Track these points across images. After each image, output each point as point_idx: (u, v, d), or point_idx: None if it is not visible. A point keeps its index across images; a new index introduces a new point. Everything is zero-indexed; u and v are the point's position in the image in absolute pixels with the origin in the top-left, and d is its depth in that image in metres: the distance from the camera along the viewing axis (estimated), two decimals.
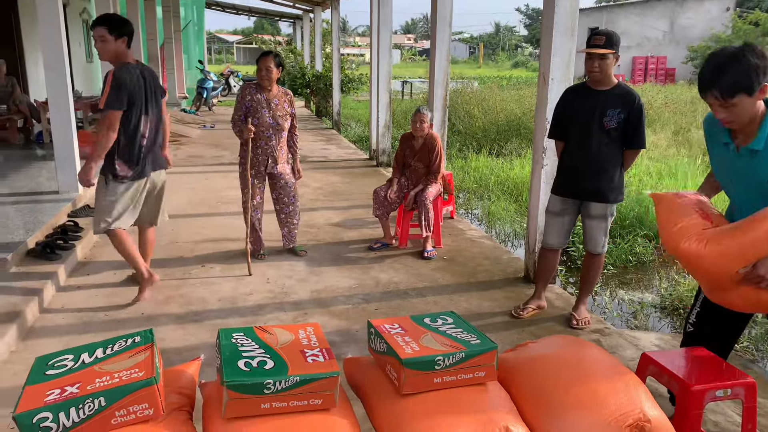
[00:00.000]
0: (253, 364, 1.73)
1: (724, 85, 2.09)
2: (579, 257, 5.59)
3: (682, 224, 2.26)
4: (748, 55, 2.07)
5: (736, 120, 2.16)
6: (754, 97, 2.10)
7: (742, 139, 2.25)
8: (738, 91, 2.08)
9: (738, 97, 2.09)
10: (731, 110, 2.13)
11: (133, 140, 3.75)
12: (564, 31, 4.09)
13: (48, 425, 1.52)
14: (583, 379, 1.90)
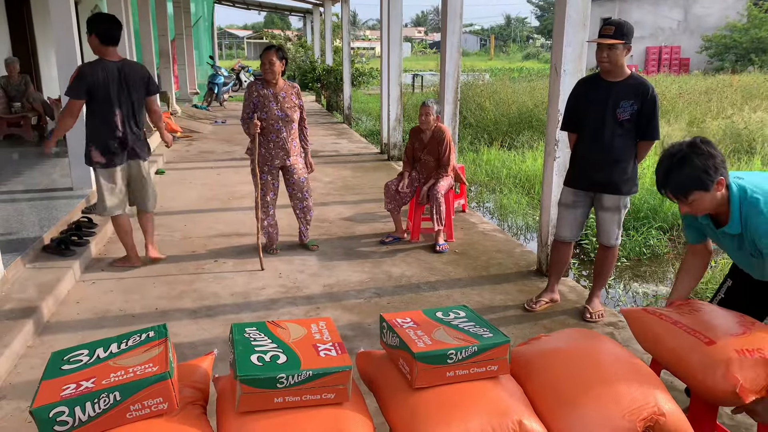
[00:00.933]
0: (266, 358, 1.74)
1: (676, 187, 2.14)
2: (592, 250, 5.56)
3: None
4: (695, 157, 2.10)
5: (698, 211, 2.20)
6: (712, 191, 2.12)
7: (718, 222, 2.28)
8: (691, 190, 2.12)
9: (693, 195, 2.13)
10: (692, 204, 2.16)
11: (105, 130, 4.13)
12: (576, 22, 4.05)
13: (64, 419, 1.54)
14: (597, 372, 1.89)
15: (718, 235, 2.32)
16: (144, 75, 4.32)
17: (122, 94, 4.14)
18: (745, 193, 2.16)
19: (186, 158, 9.20)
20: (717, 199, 2.15)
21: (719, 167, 2.10)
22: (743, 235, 2.20)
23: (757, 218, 2.12)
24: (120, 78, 4.12)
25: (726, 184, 2.15)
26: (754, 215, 2.13)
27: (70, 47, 5.77)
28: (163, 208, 6.26)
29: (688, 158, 2.11)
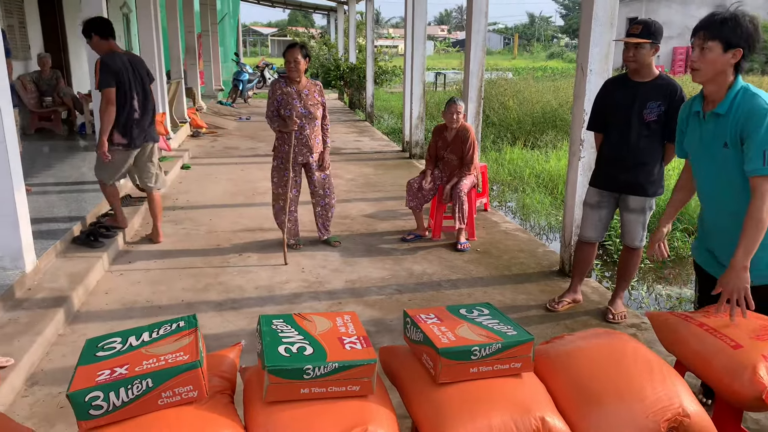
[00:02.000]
0: (293, 350, 1.78)
1: (711, 27, 2.28)
2: (615, 251, 5.52)
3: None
4: (742, 21, 2.26)
5: (703, 68, 2.31)
6: (728, 54, 2.27)
7: (710, 105, 2.40)
8: (718, 36, 2.26)
9: (713, 43, 2.27)
10: (704, 54, 2.29)
11: (125, 114, 4.57)
12: (603, 22, 4.03)
13: (99, 404, 1.59)
14: (621, 371, 1.89)
15: (700, 123, 2.45)
16: (145, 65, 4.85)
17: (135, 80, 4.64)
18: (747, 88, 2.31)
19: (211, 154, 9.32)
20: (724, 66, 2.29)
21: (747, 43, 2.25)
22: (725, 120, 2.32)
23: (753, 100, 2.26)
24: (131, 66, 4.62)
25: (738, 62, 2.29)
26: (749, 98, 2.28)
27: None
28: (189, 202, 6.36)
29: (738, 18, 2.25)
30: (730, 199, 2.38)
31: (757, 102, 2.25)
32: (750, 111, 2.25)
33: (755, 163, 2.23)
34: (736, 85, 2.32)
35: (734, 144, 2.30)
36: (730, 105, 2.31)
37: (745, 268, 2.23)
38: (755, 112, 2.23)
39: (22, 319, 3.39)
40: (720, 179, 2.41)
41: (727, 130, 2.31)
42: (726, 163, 2.35)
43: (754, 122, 2.22)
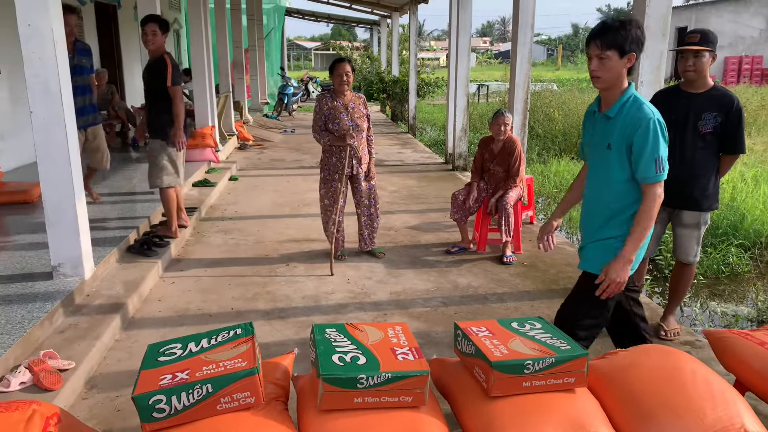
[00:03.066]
0: (346, 359, 1.80)
1: (605, 37, 2.37)
2: (666, 266, 5.38)
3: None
4: (632, 27, 2.37)
5: (603, 75, 2.41)
6: (623, 60, 2.38)
7: (603, 108, 2.52)
8: (613, 46, 2.36)
9: (611, 51, 2.36)
10: (603, 62, 2.38)
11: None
12: (655, 33, 3.96)
13: (162, 407, 1.65)
14: (679, 389, 1.85)
15: (595, 121, 2.60)
16: None
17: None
18: (636, 96, 2.44)
19: (258, 166, 9.51)
20: (620, 73, 2.40)
21: (638, 48, 2.39)
22: (613, 123, 2.45)
23: (641, 108, 2.39)
24: None
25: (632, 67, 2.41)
26: (637, 106, 2.40)
27: None
28: (238, 213, 6.51)
29: (628, 25, 2.37)
30: (606, 199, 2.51)
31: (644, 111, 2.37)
32: (638, 119, 2.36)
33: (648, 171, 2.36)
34: (628, 92, 2.44)
35: (617, 147, 2.43)
36: (620, 109, 2.43)
37: (630, 261, 2.40)
38: (643, 121, 2.35)
39: (82, 324, 3.52)
40: (600, 179, 2.54)
41: (613, 133, 2.44)
42: (606, 163, 2.48)
43: (642, 131, 2.35)
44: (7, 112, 7.47)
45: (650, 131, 2.34)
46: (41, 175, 3.78)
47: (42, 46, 3.58)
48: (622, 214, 2.48)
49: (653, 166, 2.35)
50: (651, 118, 2.35)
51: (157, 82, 4.82)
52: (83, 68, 5.37)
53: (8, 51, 7.47)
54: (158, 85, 4.84)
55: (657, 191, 2.38)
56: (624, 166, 2.43)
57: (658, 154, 2.35)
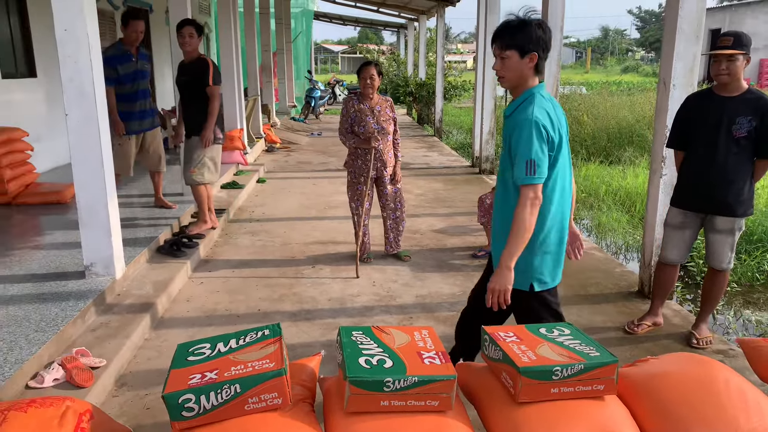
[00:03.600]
0: (373, 362, 1.80)
1: (504, 37, 2.38)
2: (698, 273, 5.27)
3: None
4: (533, 28, 2.35)
5: (506, 75, 2.41)
6: (525, 60, 2.36)
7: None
8: (512, 46, 2.35)
9: (510, 51, 2.36)
10: (504, 62, 2.39)
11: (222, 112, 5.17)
12: (688, 35, 3.89)
13: (191, 406, 1.67)
14: (712, 399, 1.81)
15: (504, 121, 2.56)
16: None
17: None
18: (534, 95, 2.39)
19: (285, 168, 9.59)
20: (524, 72, 2.38)
21: (540, 48, 2.36)
22: (508, 122, 2.45)
23: (526, 108, 2.36)
24: None
25: (535, 66, 2.37)
26: (525, 106, 2.38)
27: None
28: (265, 215, 6.57)
29: (528, 25, 2.35)
30: (506, 203, 2.49)
31: (527, 112, 2.34)
32: (519, 120, 2.35)
33: (520, 172, 2.34)
34: (527, 92, 2.41)
35: (506, 144, 2.45)
36: (514, 109, 2.43)
37: (509, 268, 2.35)
38: (520, 122, 2.34)
39: (113, 323, 3.59)
40: (501, 178, 2.55)
41: (507, 131, 2.46)
42: (503, 164, 2.51)
43: (518, 132, 2.34)
44: (43, 115, 7.66)
45: (524, 132, 2.31)
46: (75, 177, 3.86)
47: (77, 50, 3.66)
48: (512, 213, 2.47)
49: (524, 168, 2.31)
50: (529, 119, 2.31)
51: (197, 82, 4.94)
52: (145, 72, 5.49)
53: (45, 55, 7.67)
54: (198, 86, 4.95)
55: (529, 194, 2.31)
56: (510, 164, 2.45)
57: (530, 156, 2.30)
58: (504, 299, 2.38)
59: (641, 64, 53.43)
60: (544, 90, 2.44)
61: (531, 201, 2.31)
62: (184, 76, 5.07)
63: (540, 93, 2.41)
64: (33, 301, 3.59)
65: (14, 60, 7.30)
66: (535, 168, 2.30)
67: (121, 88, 5.27)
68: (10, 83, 7.04)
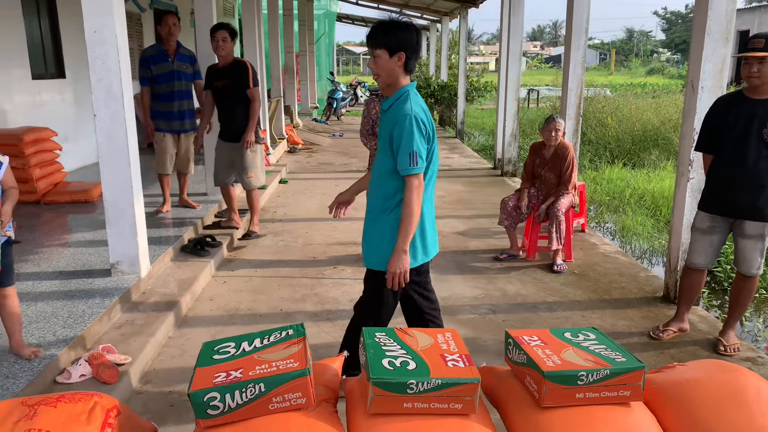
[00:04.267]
0: (396, 363, 1.80)
1: (375, 37, 2.56)
2: (726, 278, 5.17)
3: None
4: (402, 30, 2.55)
5: (379, 72, 2.59)
6: (393, 59, 2.54)
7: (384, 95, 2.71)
8: (382, 45, 2.53)
9: (381, 51, 2.54)
10: (376, 61, 2.57)
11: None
12: (717, 37, 3.82)
13: (216, 404, 1.68)
14: (742, 409, 1.77)
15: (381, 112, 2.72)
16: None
17: None
18: (409, 92, 2.59)
19: (307, 169, 9.64)
20: (393, 71, 2.57)
21: (409, 49, 2.55)
22: (387, 116, 2.61)
23: (404, 104, 2.54)
24: None
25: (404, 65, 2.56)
26: (402, 101, 2.56)
27: (211, 58, 6.26)
28: (287, 215, 6.61)
29: (396, 26, 2.55)
30: (379, 189, 2.67)
31: (406, 107, 2.53)
32: (397, 115, 2.53)
33: (403, 164, 2.53)
34: (402, 89, 2.60)
35: (384, 138, 2.61)
36: (391, 104, 2.61)
37: (405, 251, 2.58)
38: (400, 117, 2.52)
39: (138, 321, 3.64)
40: (377, 168, 2.70)
41: (384, 125, 2.63)
42: (379, 152, 2.66)
43: (399, 127, 2.52)
44: (72, 115, 7.81)
45: (406, 126, 2.51)
46: (102, 176, 3.93)
47: (106, 52, 3.72)
48: (391, 203, 2.64)
49: (407, 160, 2.52)
50: (409, 114, 2.51)
51: (237, 85, 4.98)
52: (182, 73, 5.47)
53: (74, 56, 7.81)
54: (238, 89, 4.98)
55: (414, 183, 2.54)
56: (388, 156, 2.60)
57: (412, 149, 2.51)
58: (403, 279, 2.60)
59: (667, 65, 52.67)
60: (415, 88, 2.65)
61: (416, 188, 2.55)
62: (220, 80, 5.04)
63: (413, 91, 2.63)
64: (61, 298, 3.66)
65: (44, 61, 7.45)
66: (417, 159, 2.53)
67: (157, 88, 5.35)
68: (40, 84, 7.18)
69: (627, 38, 79.56)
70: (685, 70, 6.80)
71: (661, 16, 73.77)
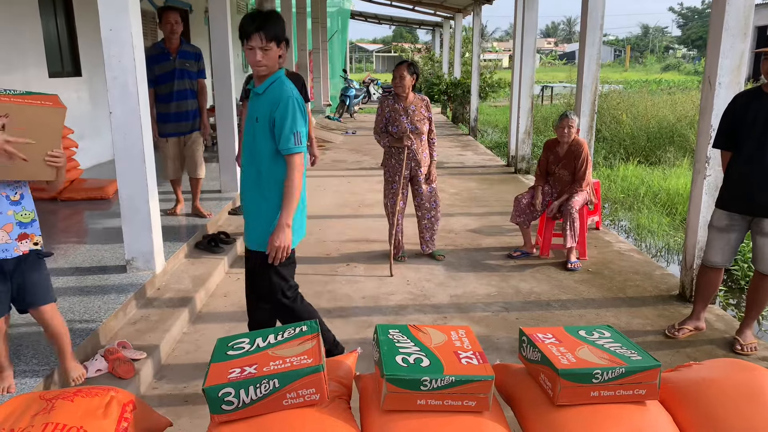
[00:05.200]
0: (410, 360, 1.80)
1: (269, 30, 2.61)
2: (743, 276, 5.11)
3: None
4: (280, 18, 2.69)
5: (267, 63, 2.67)
6: (279, 49, 2.68)
7: (258, 85, 2.76)
8: (274, 38, 2.64)
9: (272, 43, 2.64)
10: (266, 53, 2.64)
11: None
12: (735, 32, 3.77)
13: (230, 400, 1.69)
14: (758, 405, 1.75)
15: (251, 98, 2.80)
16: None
17: None
18: (280, 76, 2.73)
19: (319, 166, 9.64)
20: (276, 60, 2.69)
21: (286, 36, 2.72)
22: (262, 99, 2.71)
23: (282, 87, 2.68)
24: None
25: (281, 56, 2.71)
26: (279, 85, 2.69)
27: (225, 62, 6.30)
28: None
29: (279, 18, 2.68)
30: (256, 169, 2.75)
31: (284, 90, 2.66)
32: (279, 97, 2.65)
33: (288, 143, 2.64)
34: (278, 73, 2.73)
35: (264, 121, 2.67)
36: (267, 87, 2.70)
37: (288, 226, 2.69)
38: (283, 99, 2.64)
39: (153, 317, 3.67)
40: (251, 150, 2.77)
41: (261, 108, 2.70)
42: (256, 135, 2.72)
43: (283, 108, 2.63)
44: (88, 113, 7.88)
45: (289, 107, 2.63)
46: (118, 173, 3.96)
47: (121, 50, 3.75)
48: (270, 183, 2.72)
49: (292, 139, 2.65)
50: (291, 96, 2.65)
51: None
52: (184, 72, 5.18)
53: (89, 54, 7.89)
54: None
55: (296, 161, 2.67)
56: (268, 138, 2.69)
57: (296, 128, 2.65)
58: (285, 253, 2.72)
59: (682, 62, 52.12)
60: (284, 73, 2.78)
61: (299, 167, 2.68)
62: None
63: (284, 75, 2.75)
64: (77, 294, 3.69)
65: (61, 59, 7.53)
66: (300, 138, 2.67)
67: (158, 89, 5.10)
68: (57, 82, 7.26)
69: (642, 34, 78.79)
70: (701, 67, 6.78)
71: (677, 12, 72.96)
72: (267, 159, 2.71)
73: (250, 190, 2.83)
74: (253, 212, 2.84)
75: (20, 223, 2.47)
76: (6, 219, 2.43)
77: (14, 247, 2.46)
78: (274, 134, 2.67)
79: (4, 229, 2.42)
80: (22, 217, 2.48)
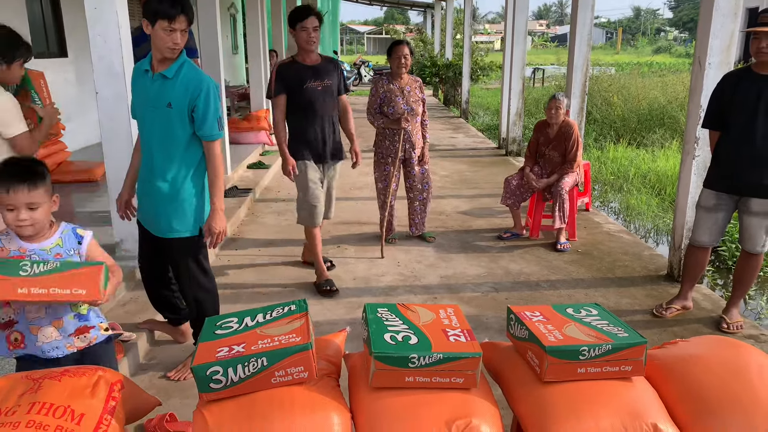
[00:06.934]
0: (398, 338, 1.81)
1: (188, 14, 2.59)
2: (730, 257, 5.16)
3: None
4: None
5: (182, 44, 2.61)
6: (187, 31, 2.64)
7: (160, 68, 2.66)
8: (191, 20, 2.61)
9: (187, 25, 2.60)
10: (184, 36, 2.59)
11: None
12: (726, 12, 3.76)
13: (219, 378, 1.69)
14: (745, 384, 1.77)
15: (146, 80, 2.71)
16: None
17: None
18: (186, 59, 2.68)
19: None
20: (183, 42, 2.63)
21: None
22: (172, 83, 2.63)
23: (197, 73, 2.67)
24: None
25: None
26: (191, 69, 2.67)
27: (214, 43, 6.23)
28: (291, 195, 6.59)
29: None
30: (167, 155, 2.69)
31: (199, 75, 2.66)
32: (200, 83, 2.62)
33: (213, 129, 2.66)
34: (183, 56, 2.68)
35: (181, 106, 2.63)
36: (177, 71, 2.64)
37: (222, 210, 2.74)
38: (202, 86, 2.62)
39: (142, 298, 3.65)
40: (161, 137, 2.69)
41: (173, 93, 2.63)
42: (171, 121, 2.65)
43: (205, 94, 2.62)
44: (74, 95, 7.78)
45: (211, 93, 2.64)
46: (105, 154, 3.92)
47: (107, 29, 3.69)
48: (184, 169, 2.71)
49: (216, 125, 2.67)
50: (211, 82, 2.67)
51: (331, 89, 4.28)
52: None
53: (75, 34, 7.76)
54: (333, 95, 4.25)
55: (218, 147, 2.71)
56: (186, 123, 2.65)
57: (219, 114, 2.68)
58: (221, 238, 2.78)
59: (674, 44, 52.11)
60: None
61: (220, 152, 2.73)
62: (312, 82, 4.10)
63: (185, 56, 2.71)
64: None
65: (46, 39, 7.41)
66: (222, 123, 2.73)
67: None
68: (42, 62, 7.15)
69: (634, 17, 78.60)
70: (692, 49, 6.83)
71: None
72: (182, 145, 2.68)
73: (158, 177, 2.72)
74: (163, 200, 2.74)
75: (78, 315, 2.14)
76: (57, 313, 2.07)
77: (67, 343, 2.10)
78: (194, 119, 2.64)
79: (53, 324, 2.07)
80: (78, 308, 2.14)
